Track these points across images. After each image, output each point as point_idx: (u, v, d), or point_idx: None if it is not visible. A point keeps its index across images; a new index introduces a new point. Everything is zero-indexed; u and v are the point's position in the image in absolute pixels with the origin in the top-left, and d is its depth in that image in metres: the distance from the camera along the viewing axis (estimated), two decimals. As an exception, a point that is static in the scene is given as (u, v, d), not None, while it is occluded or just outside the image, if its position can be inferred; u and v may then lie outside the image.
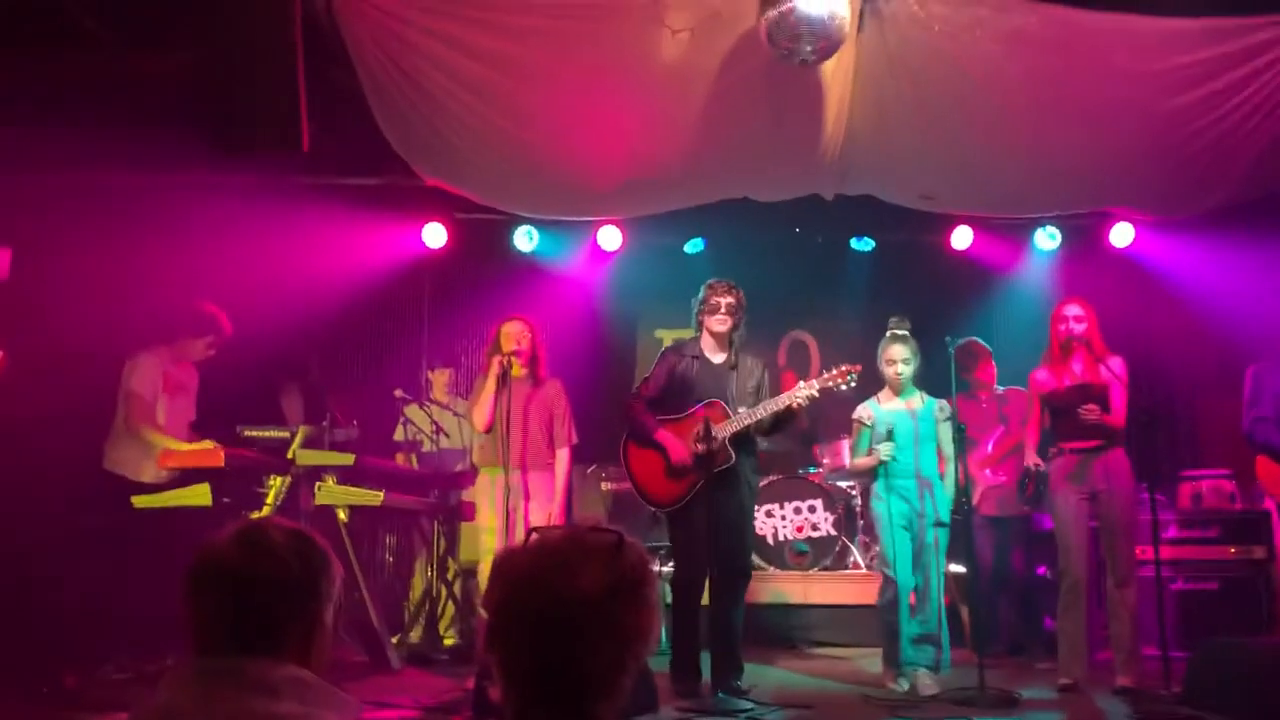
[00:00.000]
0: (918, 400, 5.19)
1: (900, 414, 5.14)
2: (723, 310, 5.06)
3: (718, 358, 5.14)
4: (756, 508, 6.16)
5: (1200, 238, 6.85)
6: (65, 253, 5.92)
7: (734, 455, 4.92)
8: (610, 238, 7.70)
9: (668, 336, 7.98)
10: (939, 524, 5.05)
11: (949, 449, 5.17)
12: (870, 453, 5.14)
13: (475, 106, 5.23)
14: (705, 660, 4.95)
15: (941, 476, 5.14)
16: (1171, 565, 5.71)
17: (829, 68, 4.98)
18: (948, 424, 5.17)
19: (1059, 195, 6.11)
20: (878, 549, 5.58)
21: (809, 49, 4.59)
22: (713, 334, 5.14)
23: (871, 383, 5.35)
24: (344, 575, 1.74)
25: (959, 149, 5.58)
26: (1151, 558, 4.79)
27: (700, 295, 5.17)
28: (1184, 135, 5.34)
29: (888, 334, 5.25)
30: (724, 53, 5.01)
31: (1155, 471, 5.04)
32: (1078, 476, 5.04)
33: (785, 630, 6.73)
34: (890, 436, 5.05)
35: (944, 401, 5.22)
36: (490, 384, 5.40)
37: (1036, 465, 5.18)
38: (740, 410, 4.96)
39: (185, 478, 5.15)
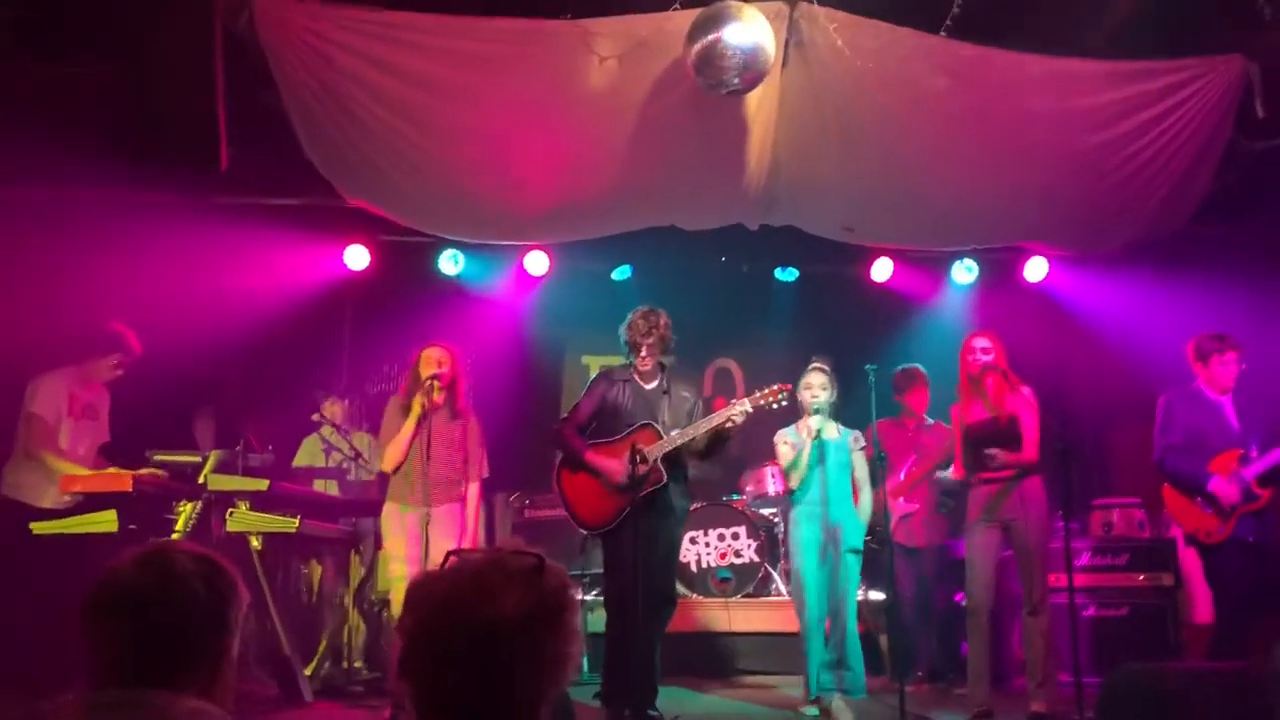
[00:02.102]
0: (834, 430, 5.28)
1: (817, 441, 5.20)
2: (643, 351, 5.07)
3: (650, 384, 5.14)
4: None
5: (1111, 273, 7.08)
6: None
7: (665, 475, 4.91)
8: (537, 263, 7.66)
9: (594, 362, 7.96)
10: (853, 551, 5.13)
11: (863, 478, 5.29)
12: (798, 445, 5.17)
13: (400, 128, 5.19)
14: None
15: (855, 505, 5.23)
16: (1084, 592, 5.82)
17: (754, 99, 5.05)
18: (861, 454, 5.28)
19: (976, 229, 6.26)
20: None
21: (735, 79, 4.66)
22: (641, 365, 5.14)
23: (791, 414, 5.40)
24: (255, 604, 1.67)
25: (880, 182, 5.69)
26: (1065, 585, 4.87)
27: (627, 325, 5.13)
28: (1097, 173, 5.53)
29: (809, 368, 5.32)
30: (651, 81, 5.06)
31: (1069, 500, 5.14)
32: (993, 507, 5.13)
33: (708, 658, 6.70)
34: (821, 460, 5.12)
35: (858, 433, 5.32)
36: (409, 425, 5.25)
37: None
38: (673, 432, 4.96)
39: (90, 503, 4.95)
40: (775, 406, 5.05)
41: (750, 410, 4.95)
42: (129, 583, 1.51)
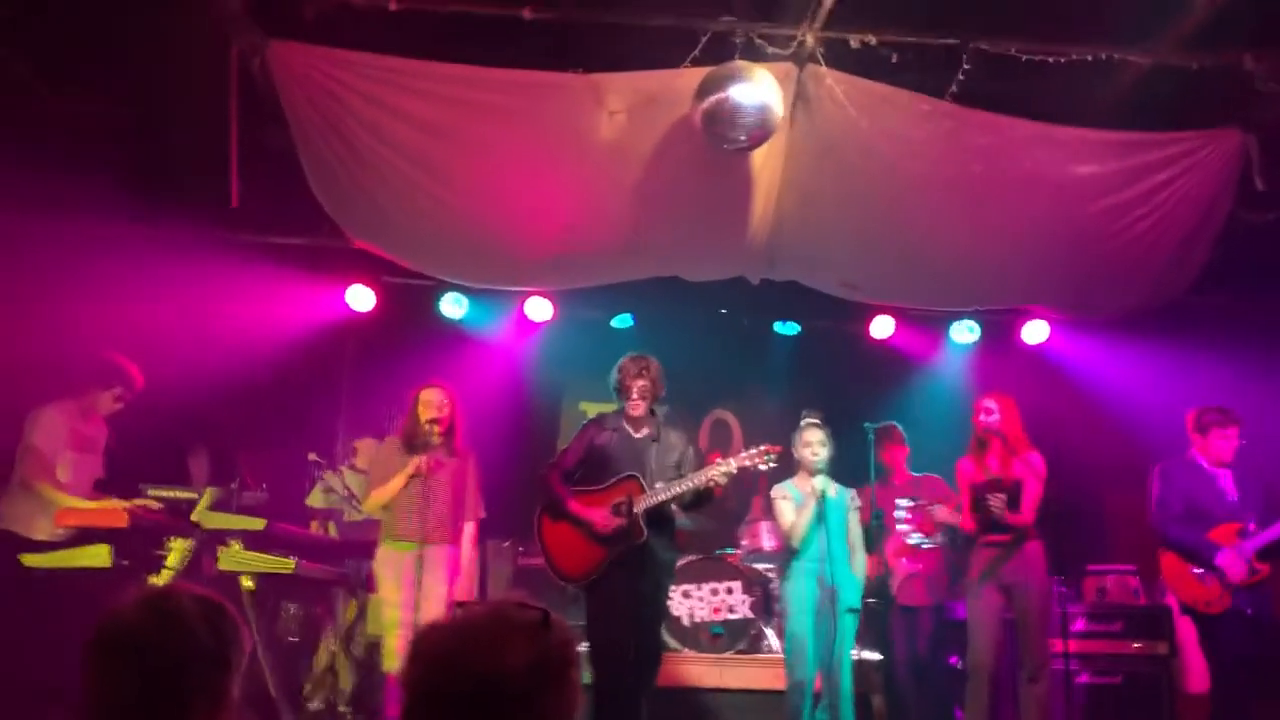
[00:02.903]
0: (831, 487, 5.26)
1: (817, 498, 5.18)
2: (634, 394, 5.03)
3: (639, 431, 5.10)
4: (673, 588, 6.09)
5: (1110, 338, 7.12)
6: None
7: (646, 532, 4.84)
8: (539, 309, 7.69)
9: (592, 409, 7.94)
10: (850, 610, 5.09)
11: (858, 537, 5.27)
12: (804, 509, 5.14)
13: (409, 173, 5.24)
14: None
15: (851, 563, 5.21)
16: (1078, 658, 5.79)
17: (759, 156, 5.12)
18: (856, 514, 5.27)
19: (977, 290, 6.31)
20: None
21: (742, 137, 4.71)
22: (629, 412, 5.12)
23: (784, 469, 5.39)
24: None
25: (882, 241, 5.74)
26: (1060, 651, 4.85)
27: (616, 371, 5.12)
28: (1096, 240, 5.59)
29: (803, 423, 5.31)
30: (659, 135, 5.12)
31: (1064, 565, 5.13)
32: (993, 569, 5.12)
33: (698, 714, 6.61)
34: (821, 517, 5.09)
35: (854, 491, 5.30)
36: (397, 482, 5.24)
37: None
38: (658, 485, 4.89)
39: (83, 537, 4.91)
40: (762, 468, 5.00)
41: (734, 471, 4.88)
42: (135, 627, 1.50)
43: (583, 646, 5.55)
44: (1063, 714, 4.79)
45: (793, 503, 5.26)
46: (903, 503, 5.58)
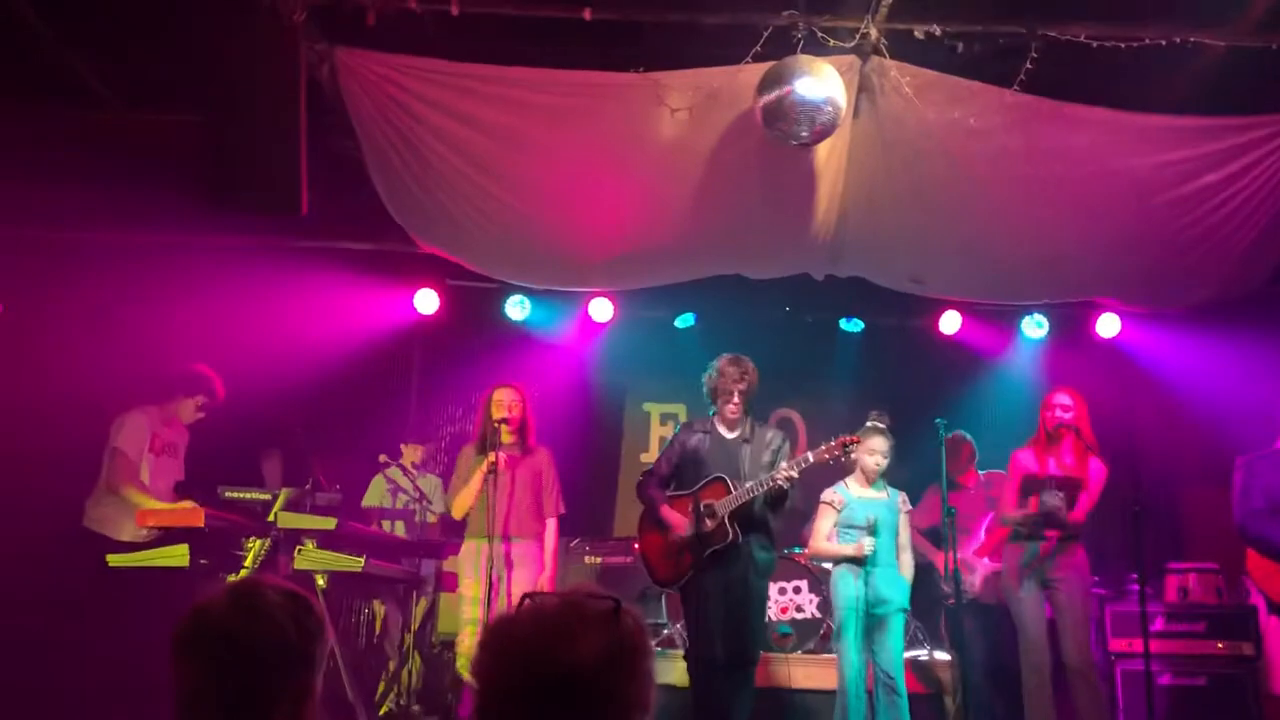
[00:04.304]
0: (884, 491, 5.25)
1: (875, 503, 5.17)
2: (736, 399, 5.04)
3: (731, 433, 5.11)
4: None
5: (1184, 330, 6.93)
6: (56, 308, 5.89)
7: (733, 533, 4.82)
8: (602, 309, 7.71)
9: (655, 410, 7.96)
10: (901, 610, 5.11)
11: (906, 538, 5.27)
12: (857, 547, 5.12)
13: (474, 176, 5.29)
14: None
15: (898, 564, 5.20)
16: (1159, 659, 5.64)
17: (823, 150, 5.07)
18: (906, 516, 5.28)
19: (1048, 284, 6.18)
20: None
21: (805, 132, 4.67)
22: (723, 414, 5.12)
23: (840, 470, 5.36)
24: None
25: (949, 235, 5.65)
26: (1140, 650, 4.74)
27: (711, 375, 5.12)
28: (1172, 230, 5.44)
29: (868, 425, 5.27)
30: (721, 132, 5.10)
31: (1142, 563, 5.01)
32: (1040, 567, 5.08)
33: (768, 714, 6.57)
34: (873, 530, 5.07)
35: (904, 494, 5.33)
36: (475, 482, 5.33)
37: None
38: (747, 485, 4.89)
39: (165, 538, 5.05)
40: (842, 460, 4.98)
41: (796, 474, 4.84)
42: (219, 617, 1.53)
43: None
44: (1144, 714, 4.67)
45: (839, 511, 5.24)
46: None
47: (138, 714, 4.48)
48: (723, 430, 5.12)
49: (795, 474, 4.82)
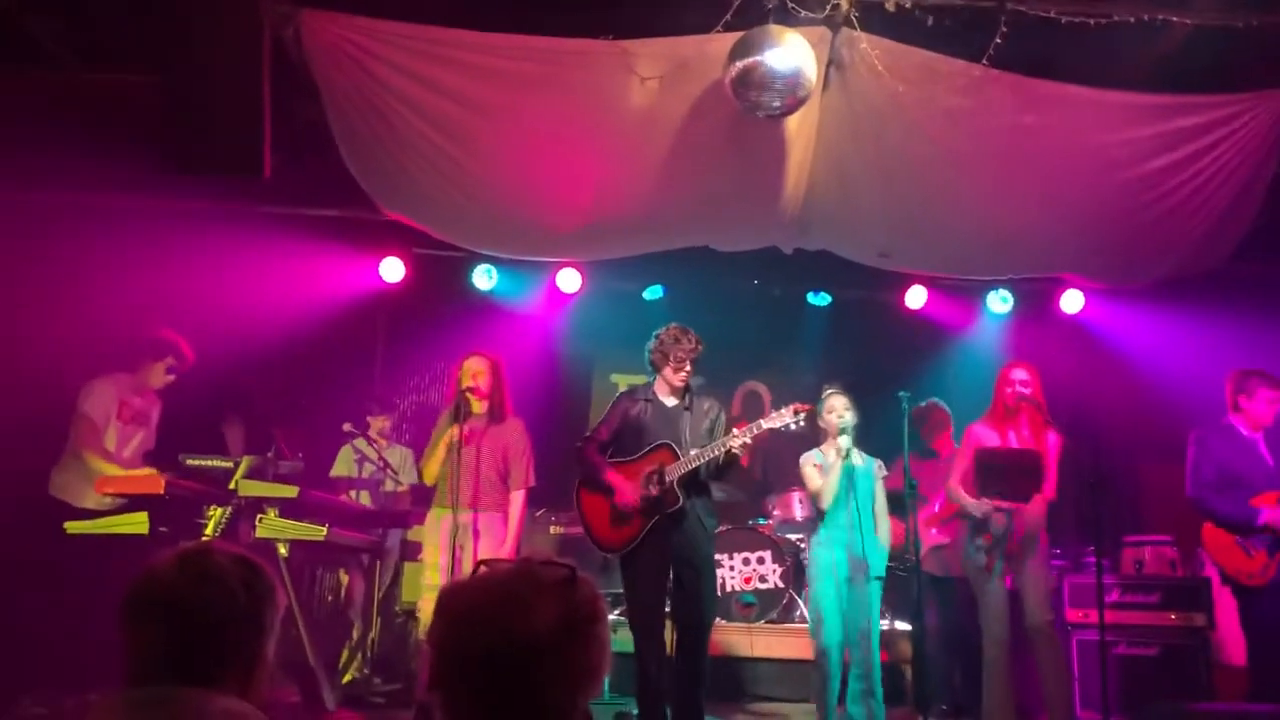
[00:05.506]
0: (859, 457, 5.23)
1: (845, 465, 5.14)
2: (686, 368, 5.03)
3: (671, 400, 5.11)
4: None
5: (1147, 307, 7.02)
6: (13, 274, 5.78)
7: (681, 498, 4.86)
8: (569, 280, 7.69)
9: (623, 381, 7.96)
10: (876, 578, 5.08)
11: (883, 505, 5.25)
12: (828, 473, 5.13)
13: (440, 143, 5.22)
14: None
15: (877, 531, 5.18)
16: (1114, 629, 5.73)
17: (793, 123, 5.05)
18: (882, 483, 5.26)
19: (1013, 259, 6.21)
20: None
21: (775, 103, 4.65)
22: (669, 382, 5.11)
23: (812, 440, 5.39)
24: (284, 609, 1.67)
25: (917, 209, 5.66)
26: (1095, 621, 4.81)
27: (659, 342, 5.11)
28: (1136, 206, 5.48)
29: (824, 394, 5.28)
30: (691, 102, 5.06)
31: (1099, 535, 5.08)
32: (1000, 546, 5.16)
33: (729, 683, 6.64)
34: (850, 485, 5.08)
35: (881, 461, 5.30)
36: (440, 450, 5.32)
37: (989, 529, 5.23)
38: (692, 452, 4.90)
39: (126, 505, 5.01)
40: (793, 426, 4.97)
41: (750, 441, 4.81)
42: (168, 582, 1.51)
43: (617, 614, 5.59)
44: (1098, 685, 4.75)
45: (819, 468, 5.23)
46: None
47: (94, 682, 4.46)
48: (664, 398, 5.11)
49: (748, 439, 4.82)
